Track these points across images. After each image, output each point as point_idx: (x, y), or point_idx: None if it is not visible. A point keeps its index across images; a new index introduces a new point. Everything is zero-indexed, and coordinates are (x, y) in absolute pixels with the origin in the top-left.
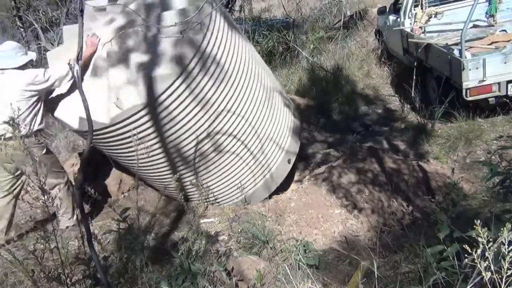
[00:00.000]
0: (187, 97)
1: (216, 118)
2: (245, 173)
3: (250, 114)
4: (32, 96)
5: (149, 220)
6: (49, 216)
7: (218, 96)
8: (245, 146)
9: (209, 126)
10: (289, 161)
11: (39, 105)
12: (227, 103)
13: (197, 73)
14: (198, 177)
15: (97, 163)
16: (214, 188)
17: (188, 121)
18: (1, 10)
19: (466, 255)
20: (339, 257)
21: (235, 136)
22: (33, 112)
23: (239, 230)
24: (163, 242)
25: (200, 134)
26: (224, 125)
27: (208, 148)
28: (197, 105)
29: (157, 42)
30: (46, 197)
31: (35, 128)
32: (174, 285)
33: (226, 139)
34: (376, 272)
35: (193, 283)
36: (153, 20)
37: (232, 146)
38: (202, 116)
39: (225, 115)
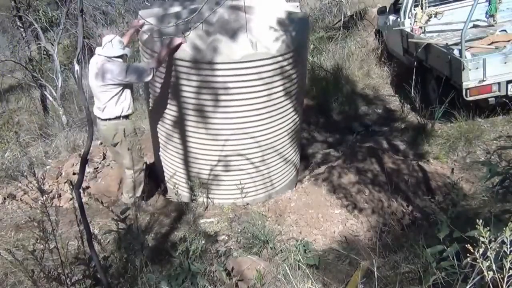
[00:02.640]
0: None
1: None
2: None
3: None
4: (115, 87)
5: (149, 220)
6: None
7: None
8: (252, 163)
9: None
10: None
11: (124, 93)
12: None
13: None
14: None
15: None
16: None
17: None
18: (1, 10)
19: (468, 255)
20: (339, 257)
21: (245, 156)
22: (119, 100)
23: (239, 230)
24: (163, 242)
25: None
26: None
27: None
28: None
29: None
30: (45, 197)
31: (123, 113)
32: (174, 285)
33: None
34: (376, 272)
35: (193, 283)
36: None
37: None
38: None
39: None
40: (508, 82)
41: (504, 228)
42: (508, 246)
